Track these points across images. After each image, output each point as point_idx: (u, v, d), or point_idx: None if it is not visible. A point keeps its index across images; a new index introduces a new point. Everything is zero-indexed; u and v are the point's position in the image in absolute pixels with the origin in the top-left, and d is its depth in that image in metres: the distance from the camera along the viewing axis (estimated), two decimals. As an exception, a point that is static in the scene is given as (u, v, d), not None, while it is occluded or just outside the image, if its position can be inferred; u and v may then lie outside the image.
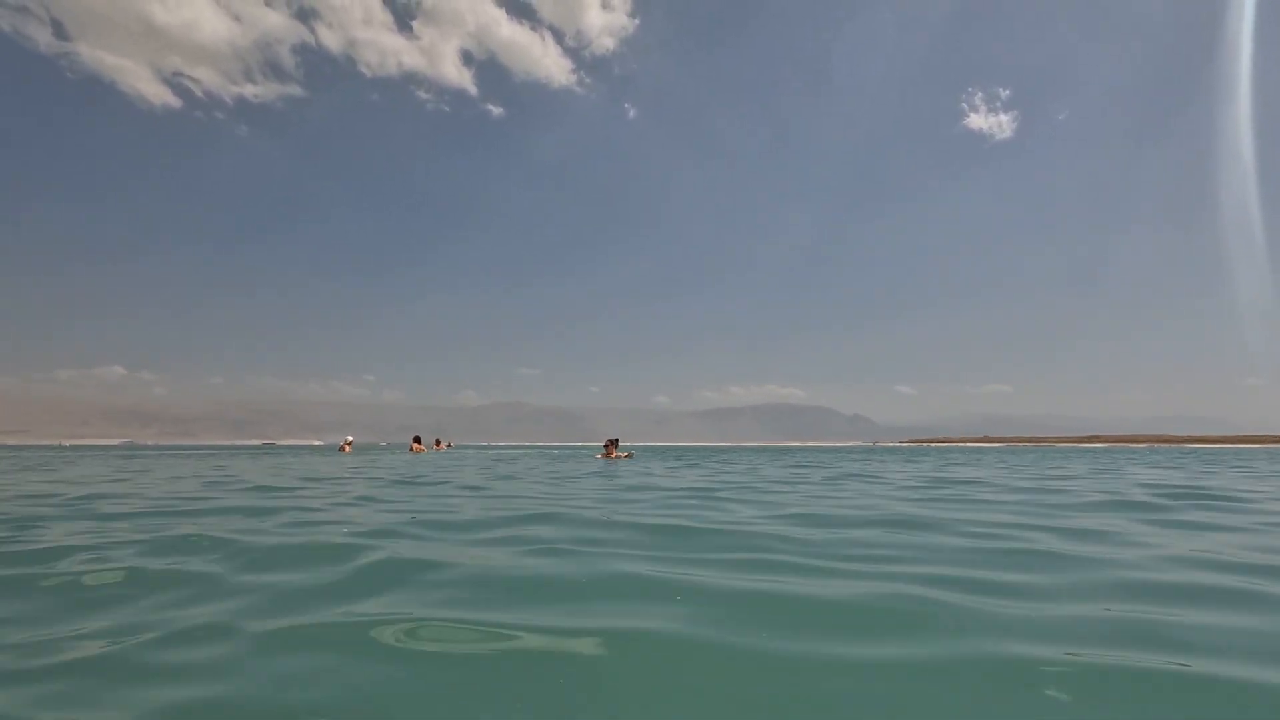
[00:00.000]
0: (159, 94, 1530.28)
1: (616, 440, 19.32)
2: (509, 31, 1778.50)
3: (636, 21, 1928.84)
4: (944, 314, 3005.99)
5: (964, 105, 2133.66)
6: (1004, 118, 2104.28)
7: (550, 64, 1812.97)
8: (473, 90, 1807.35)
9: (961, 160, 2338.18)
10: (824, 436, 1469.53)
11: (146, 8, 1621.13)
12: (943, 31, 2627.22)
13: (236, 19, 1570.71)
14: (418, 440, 29.23)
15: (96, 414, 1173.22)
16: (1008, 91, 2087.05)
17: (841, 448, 73.11)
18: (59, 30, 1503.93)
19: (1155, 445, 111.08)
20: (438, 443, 33.58)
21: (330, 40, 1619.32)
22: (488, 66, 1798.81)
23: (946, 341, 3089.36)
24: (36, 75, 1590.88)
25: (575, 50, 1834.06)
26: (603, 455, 19.31)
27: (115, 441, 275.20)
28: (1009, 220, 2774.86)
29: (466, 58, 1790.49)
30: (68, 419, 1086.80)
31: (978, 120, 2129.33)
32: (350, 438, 32.10)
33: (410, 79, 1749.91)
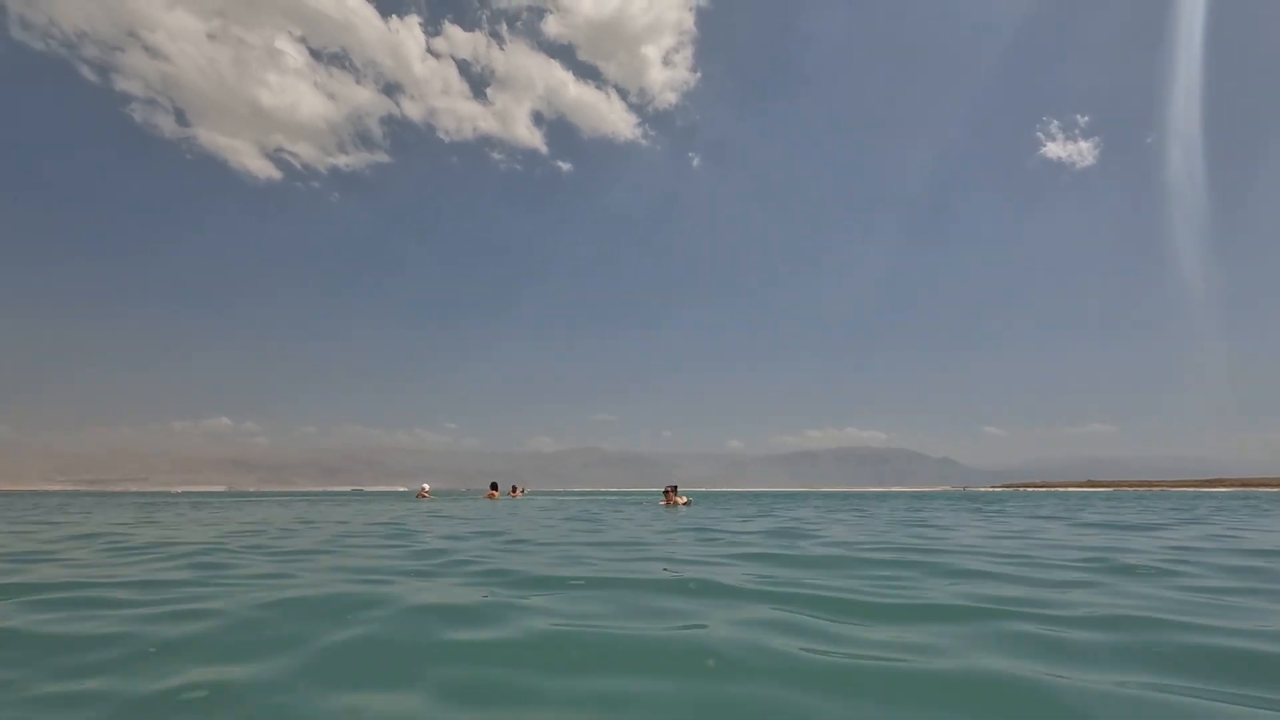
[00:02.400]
0: (263, 168, 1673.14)
1: (675, 487, 19.92)
2: (576, 92, 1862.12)
3: (698, 75, 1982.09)
4: (1034, 351, 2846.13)
5: (1039, 134, 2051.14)
6: (1084, 144, 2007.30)
7: (616, 119, 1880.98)
8: (543, 149, 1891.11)
9: (1043, 191, 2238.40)
10: (910, 481, 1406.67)
11: (256, 92, 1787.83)
12: (1011, 63, 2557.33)
13: (331, 97, 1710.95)
14: (494, 487, 29.70)
15: (205, 462, 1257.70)
16: (1086, 118, 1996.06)
17: (927, 493, 70.09)
18: (180, 118, 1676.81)
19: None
20: (514, 489, 33.69)
21: (412, 111, 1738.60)
22: (557, 125, 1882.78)
23: (1039, 380, 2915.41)
24: (161, 157, 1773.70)
25: (639, 106, 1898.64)
26: (664, 502, 19.77)
27: (219, 488, 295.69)
28: (1101, 250, 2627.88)
29: (537, 118, 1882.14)
30: (181, 467, 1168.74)
31: (1056, 149, 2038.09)
32: (427, 485, 33.39)
33: (485, 141, 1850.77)
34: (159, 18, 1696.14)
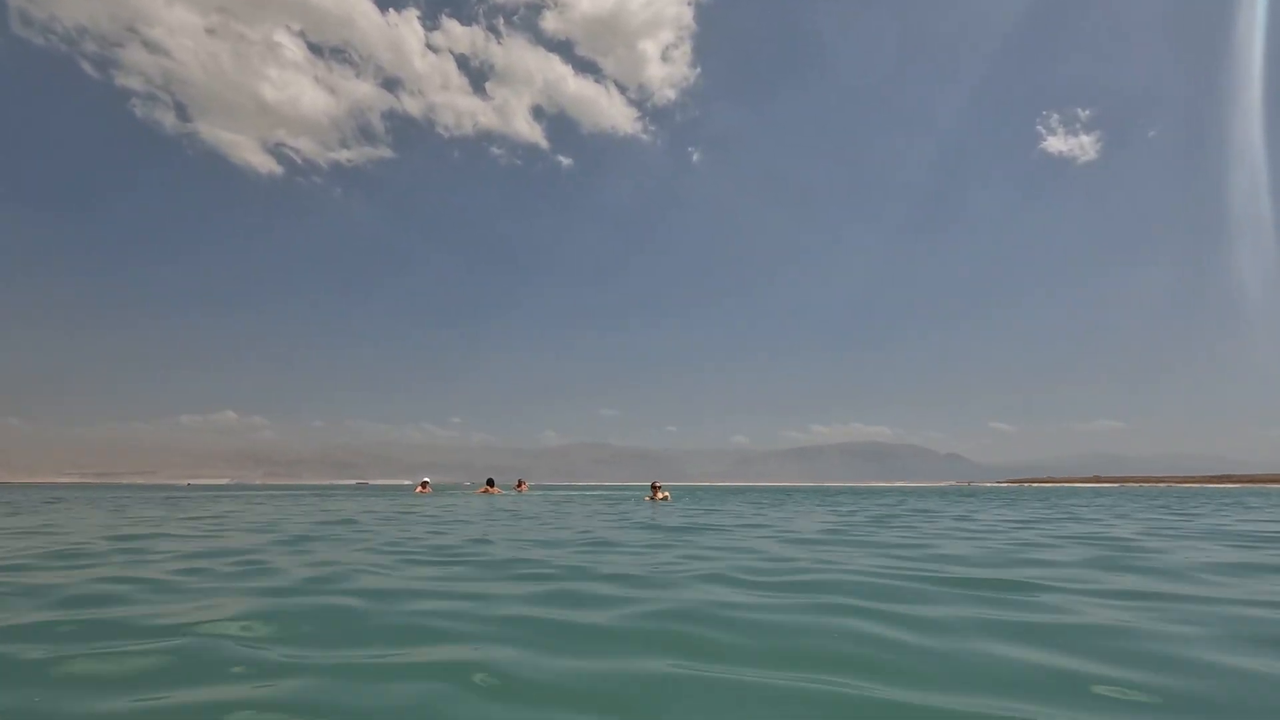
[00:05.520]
0: (264, 163, 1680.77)
1: (658, 485, 21.60)
2: (575, 86, 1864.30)
3: (697, 71, 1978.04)
4: (1040, 347, 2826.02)
5: (1040, 129, 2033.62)
6: (1086, 139, 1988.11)
7: (616, 114, 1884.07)
8: (544, 144, 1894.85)
9: (1044, 185, 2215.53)
10: (916, 477, 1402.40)
11: (258, 87, 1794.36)
12: (1011, 55, 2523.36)
13: (332, 91, 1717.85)
14: (491, 483, 29.18)
15: (213, 456, 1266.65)
16: (1088, 112, 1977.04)
17: (936, 488, 70.14)
18: (182, 113, 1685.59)
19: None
20: (519, 484, 33.43)
21: (412, 106, 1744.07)
22: (557, 120, 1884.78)
23: (1046, 376, 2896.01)
24: (164, 153, 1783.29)
25: (639, 101, 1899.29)
26: (649, 498, 21.14)
27: (224, 481, 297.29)
28: (1106, 245, 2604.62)
29: (537, 113, 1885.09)
30: (189, 460, 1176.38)
31: (1057, 143, 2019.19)
32: (427, 479, 32.16)
33: (485, 136, 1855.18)
34: (158, 13, 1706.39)
